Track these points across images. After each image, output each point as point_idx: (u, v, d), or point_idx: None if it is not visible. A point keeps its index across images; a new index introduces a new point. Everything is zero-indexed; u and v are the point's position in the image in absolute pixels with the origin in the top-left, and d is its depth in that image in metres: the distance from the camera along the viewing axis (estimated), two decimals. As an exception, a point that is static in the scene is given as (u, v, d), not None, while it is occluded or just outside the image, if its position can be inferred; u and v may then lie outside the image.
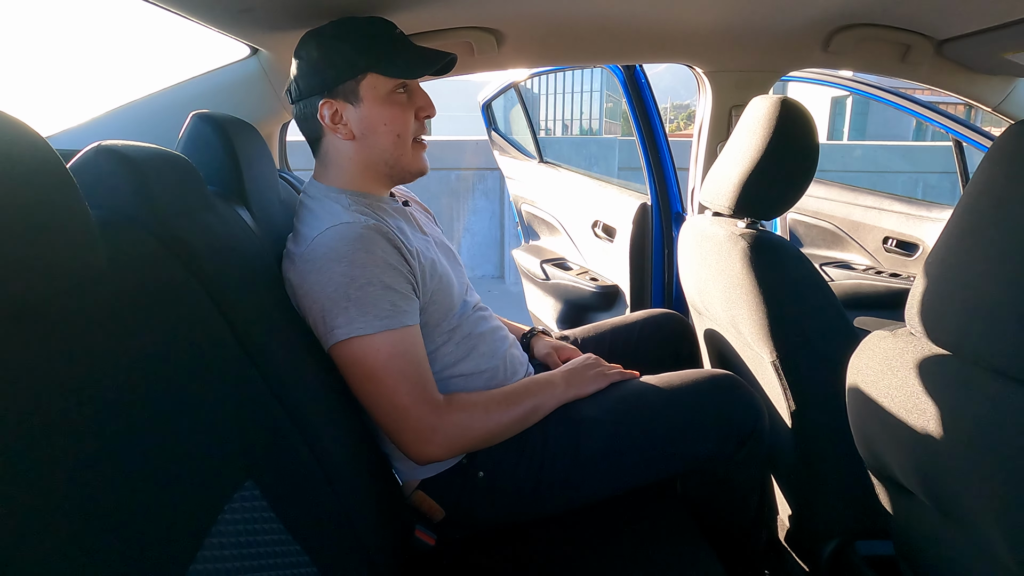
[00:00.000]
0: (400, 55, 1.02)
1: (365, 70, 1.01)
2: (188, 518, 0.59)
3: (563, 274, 2.41)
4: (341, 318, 0.91)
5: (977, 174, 0.62)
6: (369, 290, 0.92)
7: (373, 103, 1.02)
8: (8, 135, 0.48)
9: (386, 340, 0.93)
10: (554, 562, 1.00)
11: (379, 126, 1.03)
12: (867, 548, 1.09)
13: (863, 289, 2.43)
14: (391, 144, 1.04)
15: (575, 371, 1.13)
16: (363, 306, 0.92)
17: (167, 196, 0.77)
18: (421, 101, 1.06)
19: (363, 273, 0.92)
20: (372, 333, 0.92)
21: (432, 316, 1.04)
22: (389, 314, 0.93)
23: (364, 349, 0.92)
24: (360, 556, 0.83)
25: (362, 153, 1.05)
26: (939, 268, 0.64)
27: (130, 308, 0.62)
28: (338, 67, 1.01)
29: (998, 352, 0.56)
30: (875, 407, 0.73)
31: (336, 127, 1.04)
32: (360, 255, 0.93)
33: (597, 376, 1.12)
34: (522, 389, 1.07)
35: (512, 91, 2.78)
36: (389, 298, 0.93)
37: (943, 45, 1.47)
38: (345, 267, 0.92)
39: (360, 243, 0.94)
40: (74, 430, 0.50)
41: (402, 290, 0.95)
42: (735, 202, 1.14)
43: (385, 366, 0.93)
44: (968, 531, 0.66)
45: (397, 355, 0.94)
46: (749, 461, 1.10)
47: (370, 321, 0.92)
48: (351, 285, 0.92)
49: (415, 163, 1.08)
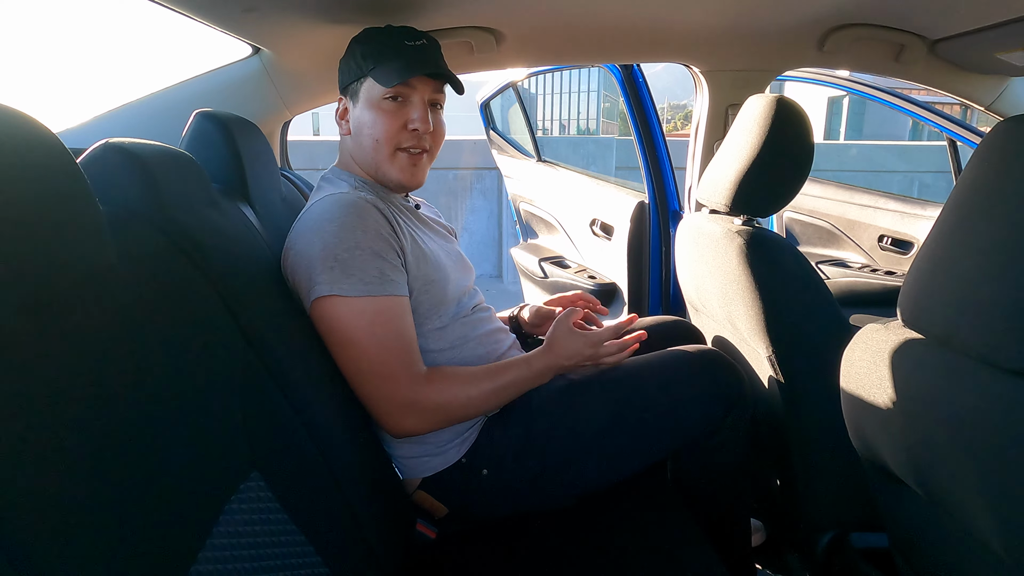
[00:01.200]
0: (393, 62, 1.03)
1: (365, 74, 1.04)
2: (196, 508, 0.60)
3: (561, 272, 2.42)
4: (325, 275, 0.92)
5: (966, 170, 0.63)
6: (357, 254, 0.93)
7: (365, 106, 1.05)
8: (22, 133, 0.49)
9: (369, 305, 0.93)
10: (552, 553, 1.01)
11: (364, 128, 1.06)
12: (862, 540, 1.10)
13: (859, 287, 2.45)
14: (371, 148, 1.06)
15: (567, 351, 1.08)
16: (349, 268, 0.92)
17: (174, 193, 0.78)
18: (412, 113, 1.05)
19: (352, 236, 0.93)
20: (355, 296, 0.92)
21: (420, 304, 1.04)
22: (375, 280, 0.93)
23: (345, 311, 0.92)
24: (363, 548, 0.85)
25: (355, 151, 1.09)
26: (929, 262, 0.66)
27: (139, 303, 0.63)
28: (350, 69, 1.07)
29: (986, 343, 0.58)
30: (867, 398, 0.75)
31: (342, 122, 1.10)
32: (352, 219, 0.95)
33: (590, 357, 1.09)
34: (507, 367, 1.06)
35: (510, 91, 2.80)
36: (377, 265, 0.94)
37: (936, 45, 1.49)
38: (335, 228, 0.94)
39: (353, 209, 0.96)
40: (85, 421, 0.51)
41: (391, 260, 0.96)
42: (731, 200, 1.15)
43: (367, 332, 0.93)
44: (958, 520, 0.68)
45: (380, 323, 0.93)
46: (736, 426, 1.13)
47: (354, 284, 0.92)
48: (339, 246, 0.92)
49: (392, 172, 1.07)
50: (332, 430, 0.87)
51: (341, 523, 0.82)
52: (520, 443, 1.06)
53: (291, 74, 1.43)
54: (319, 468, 0.81)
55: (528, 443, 1.06)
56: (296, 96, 1.49)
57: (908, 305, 0.68)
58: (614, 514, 1.09)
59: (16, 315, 0.48)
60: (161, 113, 1.32)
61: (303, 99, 1.51)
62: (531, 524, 1.06)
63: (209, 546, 0.60)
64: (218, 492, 0.64)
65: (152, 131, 1.27)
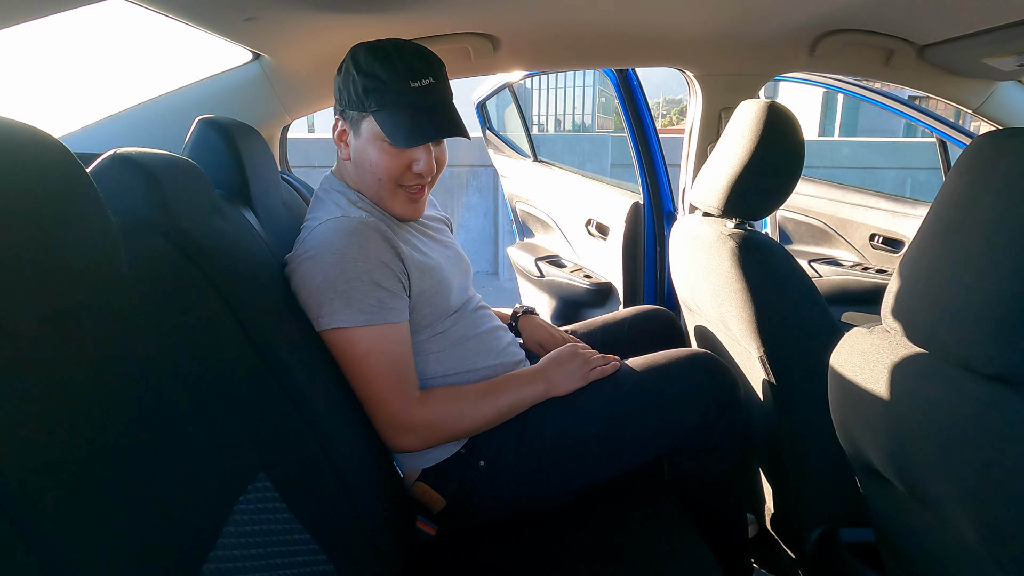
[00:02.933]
0: (403, 116, 1.00)
1: (367, 111, 1.01)
2: (206, 509, 0.62)
3: (557, 271, 2.45)
4: (326, 308, 0.96)
5: (947, 182, 0.66)
6: (356, 284, 0.96)
7: (368, 142, 1.04)
8: (34, 146, 0.51)
9: (365, 334, 0.97)
10: (550, 551, 1.04)
11: (365, 163, 1.05)
12: (850, 535, 1.13)
13: (850, 285, 2.48)
14: (374, 184, 1.07)
15: (555, 366, 1.13)
16: (348, 299, 0.96)
17: (180, 201, 0.80)
18: (415, 156, 1.04)
19: (352, 268, 0.96)
20: (352, 327, 0.96)
21: (424, 316, 1.07)
22: (373, 309, 0.97)
23: (345, 340, 0.97)
24: (367, 546, 0.87)
25: (356, 178, 1.09)
26: (912, 270, 0.69)
27: (148, 310, 0.65)
28: (350, 96, 1.03)
29: (963, 348, 0.61)
30: (854, 399, 0.78)
31: (340, 144, 1.09)
32: (352, 249, 0.97)
33: (575, 373, 1.13)
34: (501, 384, 1.09)
35: (506, 90, 2.81)
36: (376, 295, 0.97)
37: (925, 50, 1.51)
38: (336, 259, 0.96)
39: (354, 237, 0.98)
40: (97, 426, 0.53)
41: (391, 288, 0.99)
42: (724, 203, 1.18)
43: (363, 359, 0.98)
44: (939, 516, 0.70)
45: (375, 351, 0.98)
46: (730, 428, 1.15)
47: (352, 315, 0.96)
48: (339, 278, 0.96)
49: (395, 208, 1.08)
50: (335, 428, 0.89)
51: (345, 521, 0.84)
52: (516, 438, 1.08)
53: (291, 79, 1.45)
54: (323, 467, 0.83)
55: (523, 438, 1.09)
56: (295, 101, 1.51)
57: (891, 309, 0.71)
58: (611, 512, 1.12)
59: (37, 324, 0.50)
60: (163, 118, 1.34)
61: (302, 104, 1.52)
62: (529, 522, 1.09)
63: (220, 545, 0.62)
64: (227, 493, 0.66)
65: (154, 136, 1.29)
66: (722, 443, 1.15)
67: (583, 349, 1.18)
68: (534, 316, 1.41)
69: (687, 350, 1.20)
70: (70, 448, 0.49)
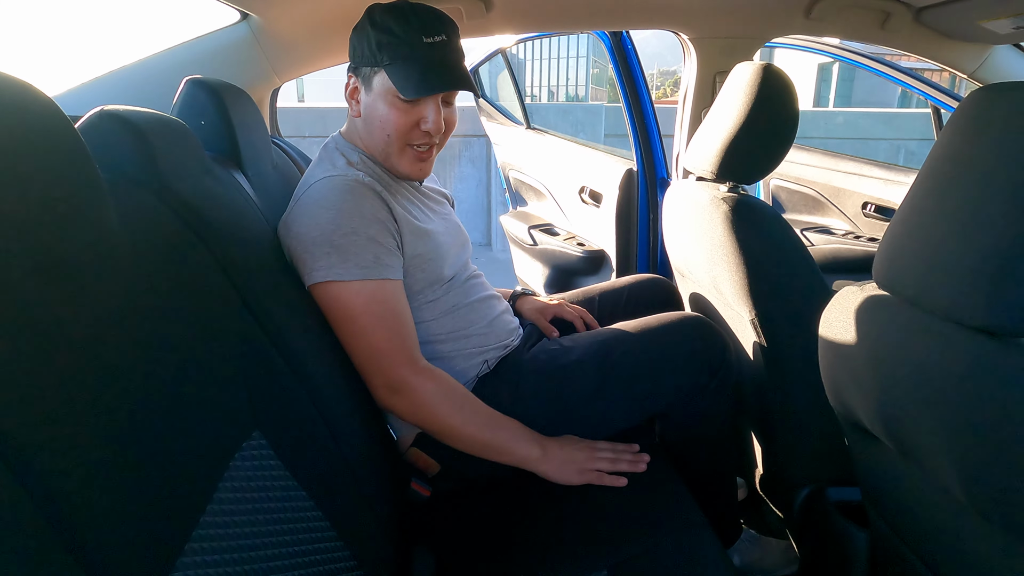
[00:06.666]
0: (414, 69, 1.00)
1: (380, 65, 1.02)
2: (201, 466, 0.62)
3: (550, 239, 2.44)
4: (322, 261, 0.95)
5: (941, 137, 0.66)
6: (353, 239, 0.96)
7: (378, 97, 1.04)
8: (21, 100, 0.50)
9: (365, 288, 0.97)
10: (542, 511, 1.05)
11: (375, 119, 1.06)
12: (837, 494, 1.15)
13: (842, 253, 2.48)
14: (382, 141, 1.07)
15: (559, 446, 1.08)
16: (345, 253, 0.95)
17: (169, 160, 0.79)
18: (426, 115, 1.05)
19: (349, 222, 0.96)
20: (351, 280, 0.96)
21: (417, 282, 1.07)
22: (370, 264, 0.97)
23: (342, 293, 0.97)
24: (363, 504, 0.88)
25: (365, 135, 1.10)
26: (903, 226, 0.69)
27: (139, 266, 0.65)
28: (364, 51, 1.03)
29: (952, 302, 0.61)
30: (843, 356, 0.79)
31: (351, 101, 1.09)
32: (348, 205, 0.97)
33: (575, 464, 1.06)
34: (505, 422, 1.06)
35: (499, 57, 2.77)
36: (372, 250, 0.97)
37: (921, 13, 1.50)
38: (332, 215, 0.96)
39: (349, 195, 0.98)
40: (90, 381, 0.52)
41: (386, 244, 0.99)
42: (718, 167, 1.17)
43: (364, 310, 0.97)
44: (925, 471, 0.72)
45: (376, 302, 0.98)
46: (721, 390, 1.16)
47: (350, 269, 0.96)
48: (336, 232, 0.96)
49: (401, 166, 1.09)
50: (329, 389, 0.89)
51: (341, 479, 0.84)
52: (509, 401, 1.09)
53: (280, 40, 1.42)
54: (318, 426, 0.84)
55: (516, 401, 1.10)
56: (285, 63, 1.48)
57: (882, 267, 0.71)
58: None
59: (29, 276, 0.50)
60: (149, 80, 1.31)
61: (292, 66, 1.50)
62: (521, 482, 1.10)
63: (216, 500, 0.62)
64: (222, 451, 0.66)
65: (141, 97, 1.27)
66: (713, 405, 1.17)
67: (604, 446, 1.10)
68: (531, 296, 1.42)
69: (679, 313, 1.21)
70: (68, 402, 0.49)
